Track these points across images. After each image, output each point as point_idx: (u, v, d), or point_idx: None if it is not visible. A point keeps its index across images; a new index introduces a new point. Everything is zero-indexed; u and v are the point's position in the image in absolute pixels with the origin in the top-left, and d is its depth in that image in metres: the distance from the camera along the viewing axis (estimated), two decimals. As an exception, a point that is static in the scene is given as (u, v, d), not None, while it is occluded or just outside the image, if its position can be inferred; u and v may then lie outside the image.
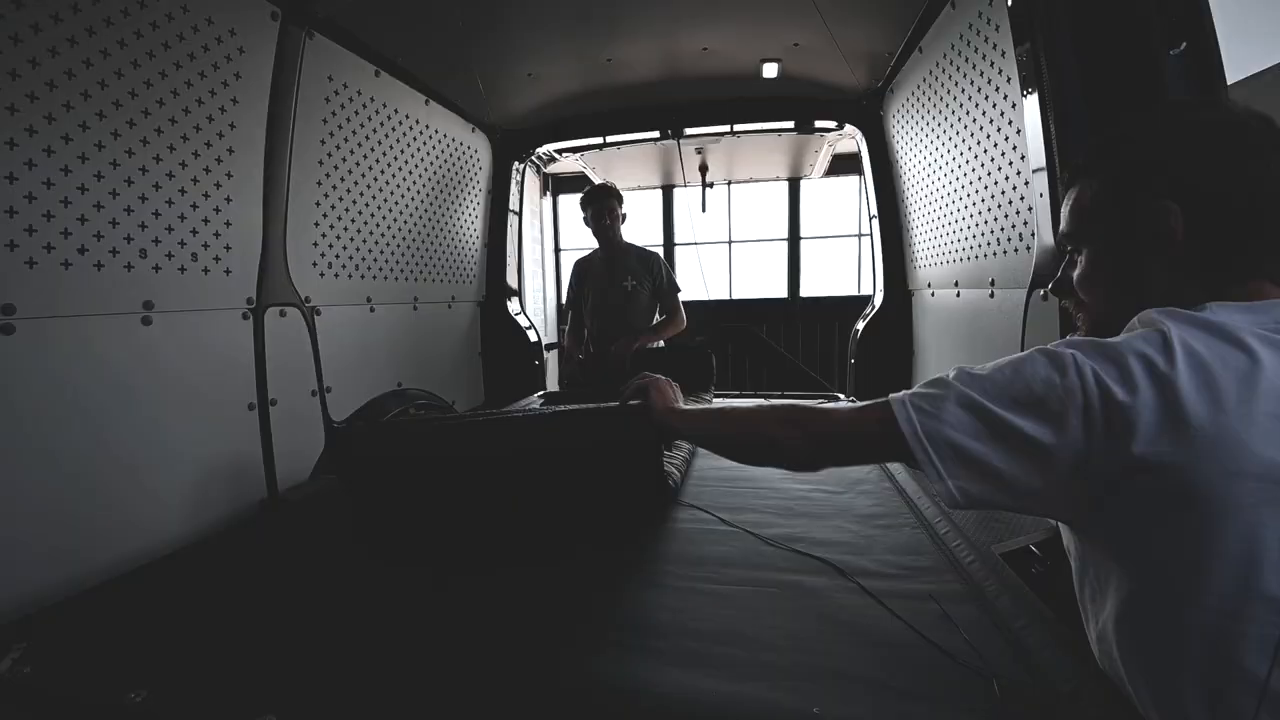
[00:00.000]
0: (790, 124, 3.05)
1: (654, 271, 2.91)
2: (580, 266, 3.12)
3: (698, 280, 5.45)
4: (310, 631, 0.99)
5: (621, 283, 2.89)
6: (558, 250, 5.92)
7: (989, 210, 1.76)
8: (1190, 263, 0.67)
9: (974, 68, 1.72)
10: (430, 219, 2.59)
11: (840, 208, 5.45)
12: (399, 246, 2.38)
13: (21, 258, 1.16)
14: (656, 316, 2.96)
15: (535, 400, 2.57)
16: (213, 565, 1.30)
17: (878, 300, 2.93)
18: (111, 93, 1.29)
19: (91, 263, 1.29)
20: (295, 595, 1.12)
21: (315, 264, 1.95)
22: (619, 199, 3.00)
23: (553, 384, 3.72)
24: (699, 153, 3.97)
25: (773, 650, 0.91)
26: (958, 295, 2.09)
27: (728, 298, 5.65)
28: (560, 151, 3.41)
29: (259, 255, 1.72)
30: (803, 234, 5.46)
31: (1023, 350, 0.66)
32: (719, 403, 2.29)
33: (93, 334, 1.29)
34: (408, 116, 2.34)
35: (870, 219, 3.03)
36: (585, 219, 2.95)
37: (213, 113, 1.54)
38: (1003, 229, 1.69)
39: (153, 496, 1.40)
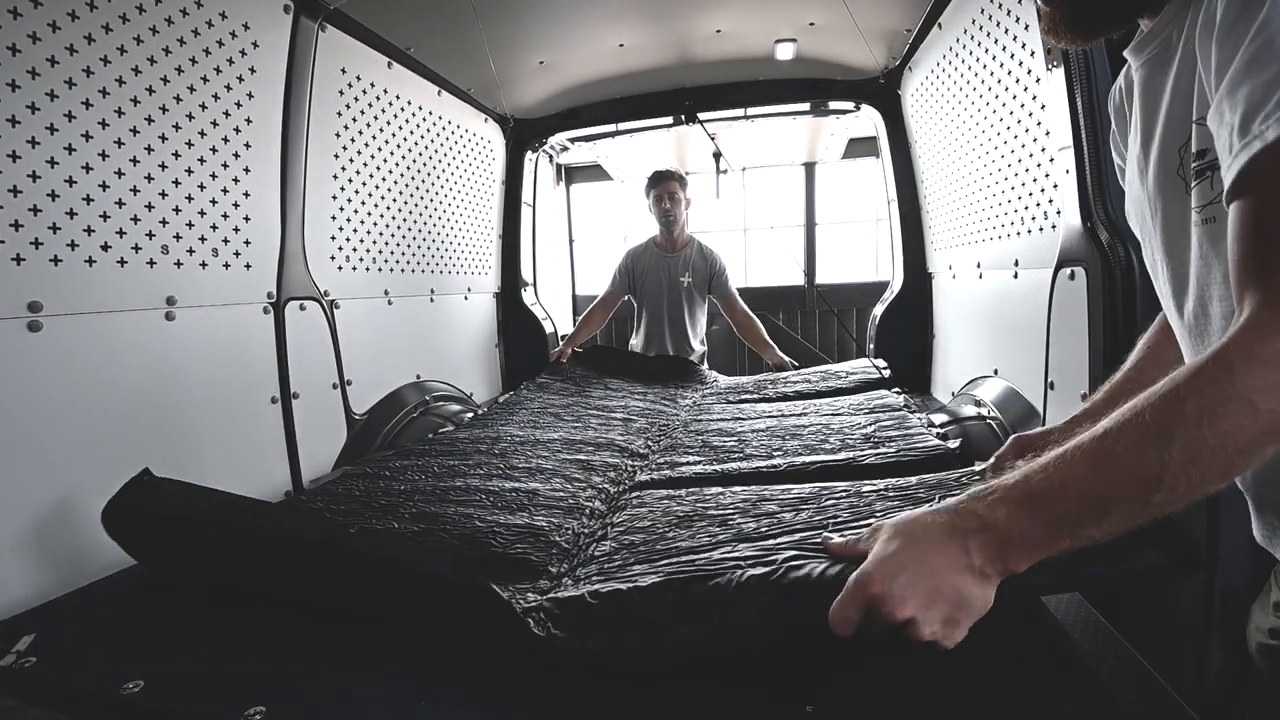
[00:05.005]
0: (805, 106, 3.00)
1: (715, 267, 2.86)
2: (633, 255, 3.00)
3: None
4: (305, 624, 0.98)
5: (679, 277, 2.83)
6: (571, 241, 5.90)
7: (1012, 189, 1.72)
8: None
9: (996, 43, 1.68)
10: (445, 211, 2.59)
11: (857, 192, 5.36)
12: (415, 239, 2.39)
13: (46, 255, 1.17)
14: (702, 313, 2.95)
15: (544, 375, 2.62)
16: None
17: (896, 284, 2.88)
18: (129, 89, 1.30)
19: (115, 259, 1.30)
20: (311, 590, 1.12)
21: (333, 257, 1.95)
22: (683, 183, 2.86)
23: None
24: (712, 138, 3.93)
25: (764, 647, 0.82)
26: (980, 277, 2.05)
27: (744, 285, 5.60)
28: (573, 140, 3.38)
29: (278, 249, 1.73)
30: (818, 219, 5.38)
31: (1049, 330, 0.59)
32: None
33: (117, 330, 1.31)
34: (421, 108, 2.34)
35: (888, 202, 2.98)
36: (649, 205, 2.86)
37: (229, 107, 1.54)
38: (1026, 208, 1.65)
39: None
